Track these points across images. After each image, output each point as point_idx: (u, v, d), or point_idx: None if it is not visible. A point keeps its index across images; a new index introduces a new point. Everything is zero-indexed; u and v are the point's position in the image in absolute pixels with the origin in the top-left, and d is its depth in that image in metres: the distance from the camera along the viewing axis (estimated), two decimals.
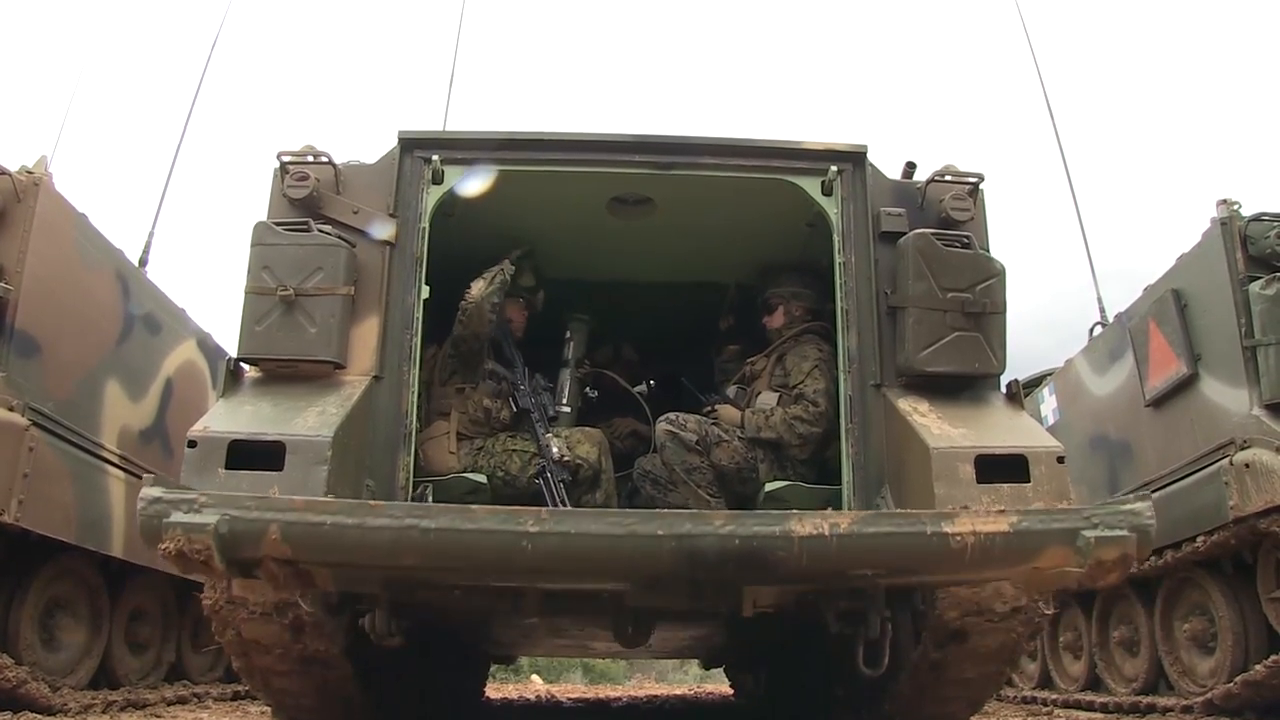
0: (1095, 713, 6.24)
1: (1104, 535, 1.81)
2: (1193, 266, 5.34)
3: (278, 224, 3.36)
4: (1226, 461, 4.74)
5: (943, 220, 3.54)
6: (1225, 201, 5.05)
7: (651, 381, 4.92)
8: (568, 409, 4.50)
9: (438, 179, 3.60)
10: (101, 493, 5.06)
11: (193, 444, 3.02)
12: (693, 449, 4.01)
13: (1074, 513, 1.87)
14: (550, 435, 4.14)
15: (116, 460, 5.26)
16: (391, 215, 3.52)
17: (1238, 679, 4.81)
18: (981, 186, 3.62)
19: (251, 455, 2.98)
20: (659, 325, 5.15)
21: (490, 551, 1.76)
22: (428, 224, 3.57)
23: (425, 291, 3.53)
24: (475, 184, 3.67)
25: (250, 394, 3.27)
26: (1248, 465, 4.56)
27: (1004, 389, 3.46)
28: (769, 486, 3.97)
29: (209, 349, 6.50)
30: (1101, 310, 6.69)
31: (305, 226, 3.36)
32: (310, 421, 3.08)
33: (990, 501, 3.11)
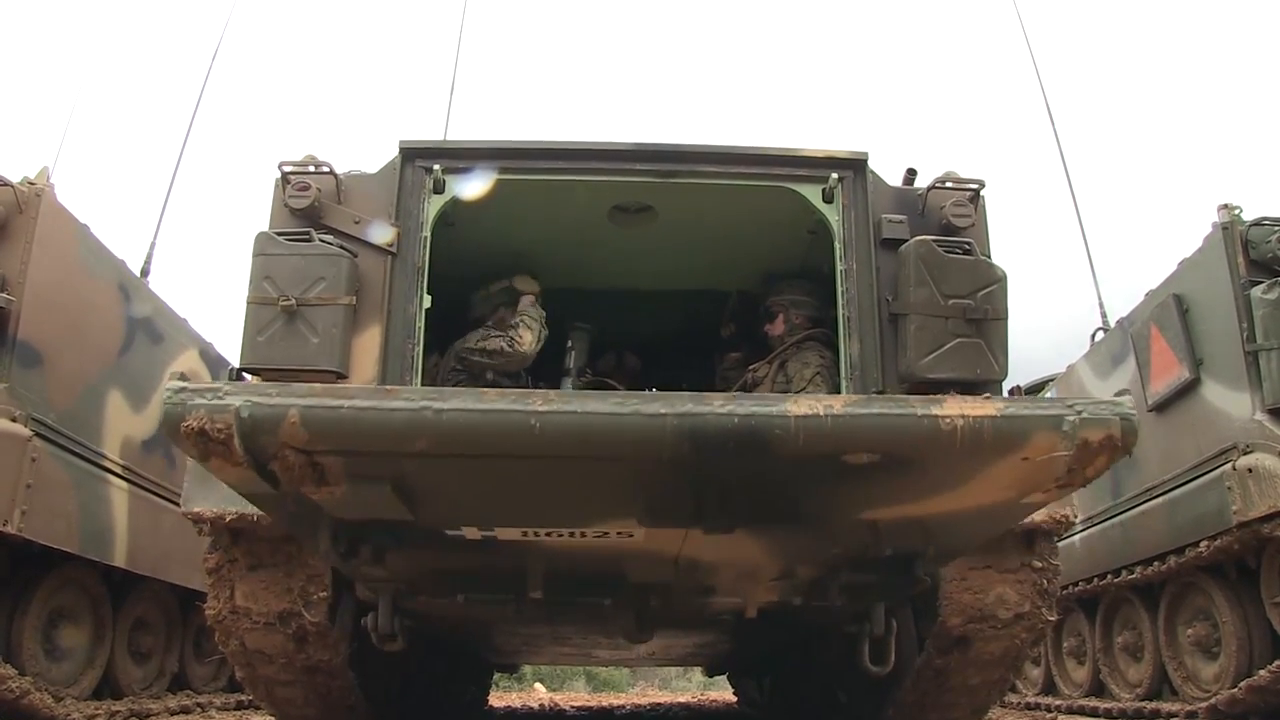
0: (1099, 718, 6.23)
1: (1089, 417, 1.86)
2: (1194, 271, 5.34)
3: (279, 234, 3.37)
4: (1229, 466, 4.74)
5: (944, 227, 3.54)
6: (1226, 206, 5.05)
7: (654, 389, 4.92)
8: None
9: (439, 188, 3.60)
10: (104, 503, 5.07)
11: None
12: None
13: (1058, 402, 1.94)
14: None
15: (119, 470, 5.27)
16: (393, 225, 3.53)
17: (1242, 684, 4.80)
18: (982, 193, 3.62)
19: None
20: (661, 333, 5.16)
21: (500, 431, 1.80)
22: (429, 233, 3.57)
23: (427, 301, 3.53)
24: (477, 186, 3.68)
25: None
26: (1250, 470, 4.56)
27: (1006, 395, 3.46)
28: None
29: (211, 359, 6.51)
30: (1103, 315, 6.69)
31: (307, 237, 3.36)
32: None
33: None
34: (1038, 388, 7.59)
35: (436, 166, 3.60)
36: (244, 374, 3.32)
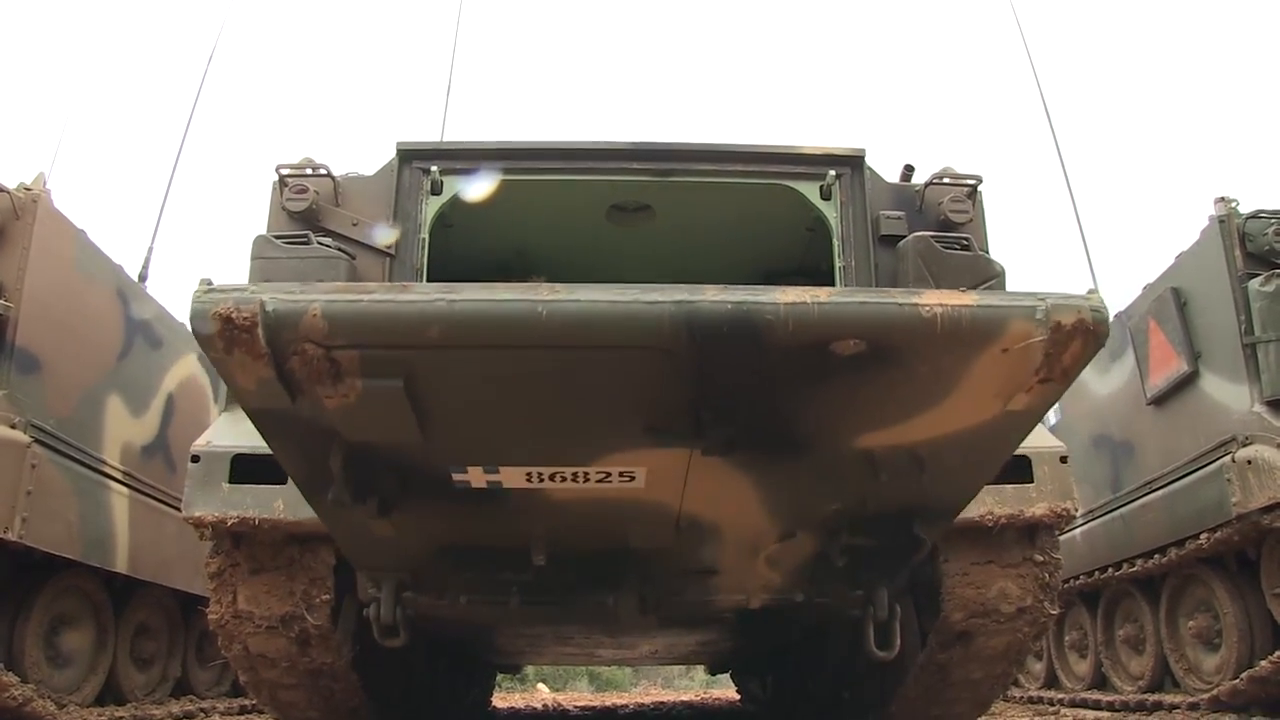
0: (1102, 711, 6.24)
1: (1058, 303, 1.97)
2: (1192, 264, 5.35)
3: (277, 237, 3.37)
4: (1228, 458, 4.75)
5: (942, 223, 3.55)
6: (1223, 199, 5.07)
7: None
8: None
9: (437, 190, 3.60)
10: (104, 509, 5.06)
11: (196, 459, 3.03)
12: None
13: (1030, 294, 2.04)
14: None
15: (119, 476, 5.26)
16: (391, 226, 3.53)
17: (1243, 675, 4.81)
18: (980, 188, 3.63)
19: (255, 469, 2.99)
20: None
21: (508, 317, 1.91)
22: (427, 234, 3.58)
23: None
24: (475, 187, 3.68)
25: None
26: (1249, 462, 4.58)
27: None
28: None
29: (210, 363, 6.50)
30: None
31: (305, 239, 3.36)
32: None
33: (995, 503, 3.12)
34: None
35: (434, 168, 3.60)
36: None
